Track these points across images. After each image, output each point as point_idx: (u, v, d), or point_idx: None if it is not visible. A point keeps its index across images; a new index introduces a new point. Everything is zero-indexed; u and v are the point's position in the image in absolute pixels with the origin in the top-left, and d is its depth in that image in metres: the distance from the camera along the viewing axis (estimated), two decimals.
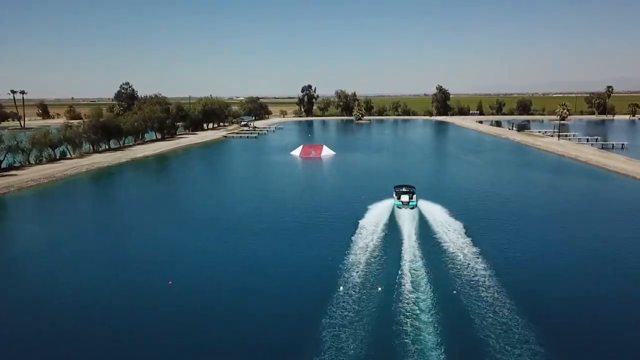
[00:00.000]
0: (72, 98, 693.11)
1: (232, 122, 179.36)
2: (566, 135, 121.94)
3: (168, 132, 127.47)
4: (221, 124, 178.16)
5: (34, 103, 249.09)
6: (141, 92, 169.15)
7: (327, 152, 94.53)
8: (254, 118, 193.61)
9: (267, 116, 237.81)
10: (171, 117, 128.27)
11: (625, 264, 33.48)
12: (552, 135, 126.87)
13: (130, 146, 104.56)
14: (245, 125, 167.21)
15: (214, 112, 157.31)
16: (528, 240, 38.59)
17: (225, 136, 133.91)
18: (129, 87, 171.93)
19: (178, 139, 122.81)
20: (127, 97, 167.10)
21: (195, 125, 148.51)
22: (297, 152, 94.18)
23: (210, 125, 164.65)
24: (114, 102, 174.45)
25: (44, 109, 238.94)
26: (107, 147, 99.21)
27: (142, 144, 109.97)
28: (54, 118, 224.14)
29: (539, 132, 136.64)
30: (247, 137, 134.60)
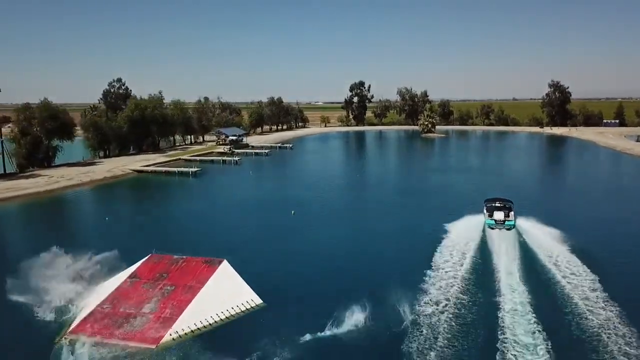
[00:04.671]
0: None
1: (219, 137, 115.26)
2: None
3: (38, 164, 67.50)
4: (199, 139, 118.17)
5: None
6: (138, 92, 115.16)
7: (210, 300, 26.55)
8: (247, 132, 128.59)
9: (300, 125, 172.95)
10: (42, 133, 68.12)
11: None
12: None
13: None
14: (234, 143, 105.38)
15: (165, 121, 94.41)
16: None
17: (140, 171, 70.62)
18: (122, 84, 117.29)
19: (24, 177, 62.07)
20: (118, 97, 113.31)
21: (122, 145, 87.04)
22: (103, 293, 26.83)
23: (181, 141, 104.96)
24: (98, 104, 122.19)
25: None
26: None
27: None
28: None
29: None
30: (179, 173, 69.86)
